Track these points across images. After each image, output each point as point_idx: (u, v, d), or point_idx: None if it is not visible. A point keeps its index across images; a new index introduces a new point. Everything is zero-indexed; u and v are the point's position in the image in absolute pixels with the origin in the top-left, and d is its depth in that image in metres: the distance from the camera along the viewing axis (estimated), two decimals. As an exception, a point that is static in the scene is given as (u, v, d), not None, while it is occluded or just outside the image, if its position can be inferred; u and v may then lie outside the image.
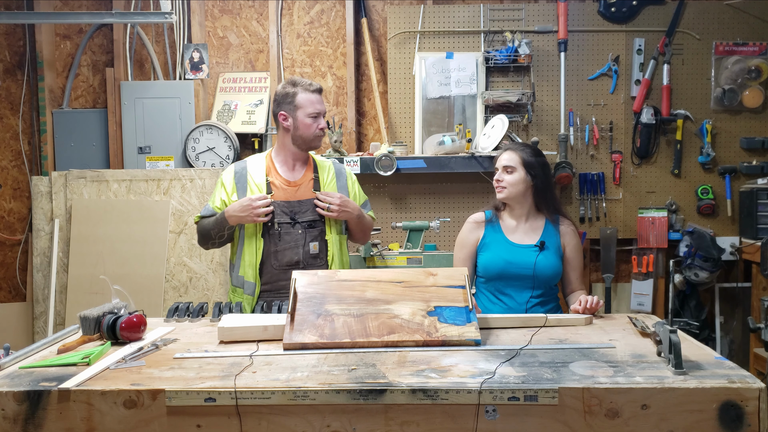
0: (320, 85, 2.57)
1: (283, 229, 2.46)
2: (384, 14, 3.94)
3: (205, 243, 2.58)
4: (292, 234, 2.47)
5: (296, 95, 2.50)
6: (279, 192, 2.50)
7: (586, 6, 3.83)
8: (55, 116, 3.95)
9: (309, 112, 2.49)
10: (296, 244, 2.47)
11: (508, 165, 2.47)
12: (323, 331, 1.83)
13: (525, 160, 2.47)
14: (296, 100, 2.50)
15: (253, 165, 2.57)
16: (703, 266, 3.60)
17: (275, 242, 2.46)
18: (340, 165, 2.70)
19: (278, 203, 2.47)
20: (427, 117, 3.83)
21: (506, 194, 2.47)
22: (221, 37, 4.04)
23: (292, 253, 2.46)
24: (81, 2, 4.02)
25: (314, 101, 2.50)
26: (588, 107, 3.85)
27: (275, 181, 2.52)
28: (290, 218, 2.47)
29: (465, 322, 1.85)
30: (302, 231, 2.48)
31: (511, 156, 2.49)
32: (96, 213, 3.76)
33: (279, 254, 2.46)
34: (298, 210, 2.49)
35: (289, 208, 2.48)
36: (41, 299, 3.80)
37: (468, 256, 2.52)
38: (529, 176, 2.47)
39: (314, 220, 2.50)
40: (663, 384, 1.47)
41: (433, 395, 1.47)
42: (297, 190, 2.52)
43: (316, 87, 2.53)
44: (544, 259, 2.41)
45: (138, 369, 1.65)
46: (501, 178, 2.48)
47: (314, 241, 2.49)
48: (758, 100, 3.79)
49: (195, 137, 3.84)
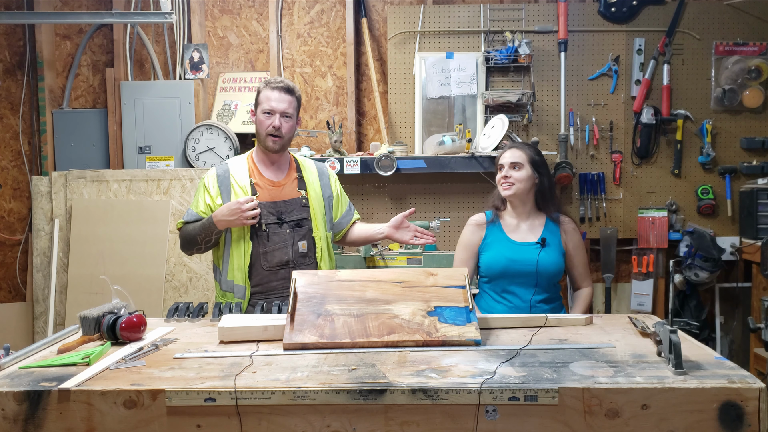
0: (291, 84, 2.47)
1: (271, 230, 2.43)
2: (384, 14, 3.94)
3: (189, 248, 2.48)
4: (280, 234, 2.44)
5: (261, 91, 2.45)
6: (264, 193, 2.46)
7: (586, 6, 3.83)
8: (55, 116, 3.95)
9: (263, 108, 2.42)
10: (285, 243, 2.44)
11: (516, 161, 2.46)
12: (323, 331, 1.82)
13: (531, 157, 2.48)
14: (259, 96, 2.45)
15: (234, 167, 2.52)
16: (703, 266, 3.59)
17: (264, 243, 2.42)
18: (321, 164, 2.66)
19: (264, 204, 2.43)
20: (427, 117, 3.83)
21: (514, 190, 2.46)
22: (221, 37, 4.04)
23: (281, 254, 2.43)
24: (81, 2, 4.02)
25: (271, 98, 2.41)
26: (588, 107, 3.85)
27: (259, 182, 2.48)
28: (277, 218, 2.44)
29: (465, 322, 1.85)
30: (290, 230, 2.45)
31: (518, 153, 2.48)
32: (96, 213, 3.76)
33: (268, 255, 2.43)
34: (284, 210, 2.46)
35: (275, 208, 2.45)
36: (41, 299, 3.80)
37: (469, 257, 2.52)
38: (536, 174, 2.48)
39: (301, 219, 2.47)
40: (663, 384, 1.47)
41: (433, 395, 1.47)
42: (282, 189, 2.49)
43: (282, 85, 2.44)
44: (546, 256, 2.42)
45: (138, 369, 1.65)
46: (509, 175, 2.46)
47: (302, 240, 2.47)
48: (758, 100, 3.79)
49: (195, 137, 3.84)
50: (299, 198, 2.49)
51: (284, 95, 2.43)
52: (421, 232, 2.51)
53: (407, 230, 2.52)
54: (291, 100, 2.45)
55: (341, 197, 2.65)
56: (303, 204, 2.49)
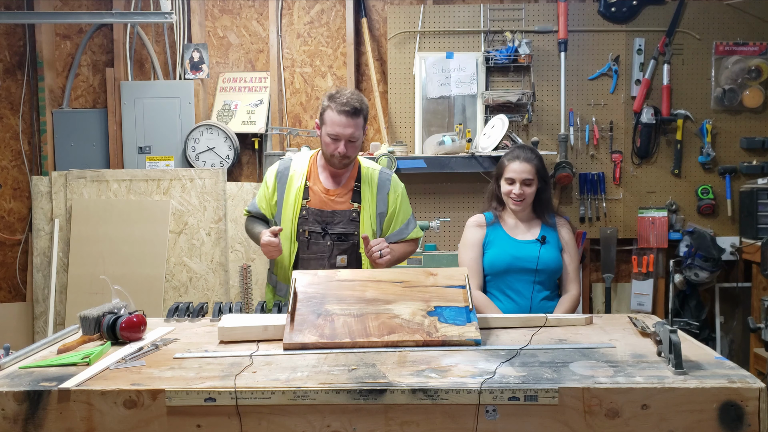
0: (358, 105, 2.33)
1: (312, 238, 2.39)
2: (384, 14, 3.94)
3: (250, 237, 2.62)
4: (320, 244, 2.40)
5: (326, 110, 2.36)
6: (315, 199, 2.42)
7: (586, 6, 3.83)
8: (55, 116, 3.95)
9: (329, 132, 2.34)
10: (322, 255, 2.40)
11: (528, 178, 2.45)
12: (323, 331, 1.82)
13: (538, 169, 2.47)
14: (325, 115, 2.36)
15: (296, 165, 2.48)
16: (703, 266, 3.59)
17: (304, 249, 2.41)
18: (386, 175, 2.52)
19: (312, 210, 2.40)
20: (427, 117, 3.83)
21: (523, 207, 2.48)
22: (221, 37, 4.04)
23: (317, 264, 2.38)
24: (81, 2, 4.02)
25: (337, 122, 2.31)
26: (588, 107, 3.85)
27: (314, 187, 2.44)
28: (321, 228, 2.39)
29: (465, 322, 1.85)
30: (331, 243, 2.40)
31: (528, 167, 2.45)
32: (96, 213, 3.76)
33: (305, 262, 2.40)
34: (330, 221, 2.40)
35: (322, 217, 2.40)
36: (41, 299, 3.80)
37: (477, 256, 2.50)
38: (542, 183, 2.50)
39: (346, 233, 2.40)
40: (663, 384, 1.47)
41: (433, 395, 1.47)
42: (334, 199, 2.43)
43: (349, 108, 2.31)
44: (547, 253, 2.44)
45: (138, 369, 1.65)
46: (522, 192, 2.44)
47: (342, 255, 2.40)
48: (758, 100, 3.79)
49: (195, 137, 3.84)
50: (349, 211, 2.42)
51: (351, 120, 2.32)
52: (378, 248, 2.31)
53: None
54: (358, 122, 2.35)
55: (397, 214, 2.51)
56: (352, 218, 2.42)
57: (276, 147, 3.94)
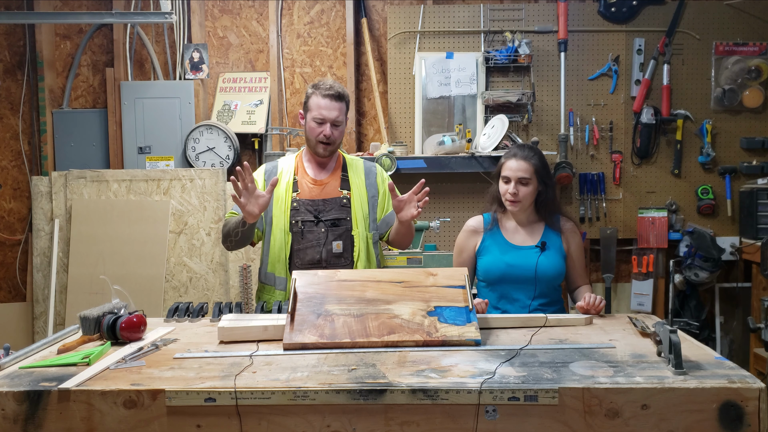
0: (341, 90, 2.45)
1: (306, 227, 2.44)
2: (384, 14, 3.94)
3: (225, 241, 2.46)
4: (315, 232, 2.45)
5: (310, 97, 2.46)
6: (305, 190, 2.49)
7: (586, 6, 3.83)
8: (55, 116, 3.95)
9: (314, 116, 2.43)
10: (318, 242, 2.44)
11: (524, 177, 2.36)
12: (323, 331, 1.82)
13: (537, 168, 2.38)
14: (309, 102, 2.47)
15: (283, 164, 2.57)
16: (703, 266, 3.59)
17: (298, 240, 2.45)
18: (371, 163, 2.64)
19: (303, 201, 2.46)
20: (427, 117, 3.83)
21: (520, 207, 2.40)
22: (221, 37, 4.04)
23: (313, 252, 2.44)
24: (81, 2, 4.02)
25: (322, 106, 2.42)
26: (588, 107, 3.85)
27: (302, 180, 2.51)
28: (314, 216, 2.45)
29: (465, 322, 1.85)
30: (325, 230, 2.45)
31: (525, 166, 2.37)
32: (96, 213, 3.76)
33: (301, 252, 2.44)
34: (323, 208, 2.46)
35: (314, 206, 2.46)
36: (41, 299, 3.80)
37: (467, 260, 2.50)
38: (542, 185, 2.41)
39: (338, 219, 2.46)
40: (663, 384, 1.47)
41: (433, 395, 1.47)
42: (323, 188, 2.50)
43: (333, 92, 2.43)
44: (546, 260, 2.37)
45: (138, 369, 1.65)
46: (516, 191, 2.37)
47: (337, 240, 2.45)
48: (758, 100, 3.79)
49: (195, 137, 3.84)
50: (339, 197, 2.49)
51: (334, 103, 2.43)
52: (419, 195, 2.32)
53: (410, 204, 2.35)
54: (341, 107, 2.46)
55: (388, 196, 2.55)
56: (343, 204, 2.48)
57: (276, 147, 3.94)
